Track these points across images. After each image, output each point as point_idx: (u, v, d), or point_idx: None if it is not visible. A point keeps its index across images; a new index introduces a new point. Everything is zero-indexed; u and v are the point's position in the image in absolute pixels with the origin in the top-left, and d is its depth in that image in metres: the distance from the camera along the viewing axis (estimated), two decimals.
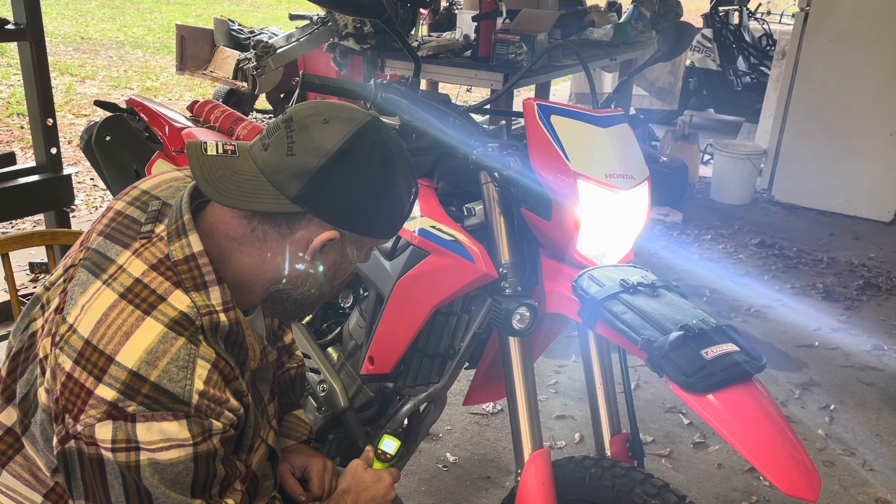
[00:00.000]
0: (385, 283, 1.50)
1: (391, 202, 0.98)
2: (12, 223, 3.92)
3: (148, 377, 0.85)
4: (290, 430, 1.33)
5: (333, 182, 0.91)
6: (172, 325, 0.89)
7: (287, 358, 1.36)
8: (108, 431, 0.84)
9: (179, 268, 0.92)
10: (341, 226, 0.95)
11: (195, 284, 0.92)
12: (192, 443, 0.87)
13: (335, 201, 0.93)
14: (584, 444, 2.46)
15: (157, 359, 0.86)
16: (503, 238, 1.38)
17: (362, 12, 1.41)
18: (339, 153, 0.91)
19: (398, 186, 0.98)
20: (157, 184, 1.04)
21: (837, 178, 4.90)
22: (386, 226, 1.01)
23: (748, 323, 3.37)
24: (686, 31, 1.64)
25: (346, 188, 0.92)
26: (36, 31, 2.63)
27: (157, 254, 0.93)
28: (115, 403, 0.84)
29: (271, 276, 0.98)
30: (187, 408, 0.87)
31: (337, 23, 3.70)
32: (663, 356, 1.13)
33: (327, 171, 0.91)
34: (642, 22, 4.58)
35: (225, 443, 0.92)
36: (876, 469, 2.43)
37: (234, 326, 0.95)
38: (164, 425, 0.85)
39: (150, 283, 0.91)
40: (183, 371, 0.87)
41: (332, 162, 0.91)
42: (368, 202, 0.95)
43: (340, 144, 0.91)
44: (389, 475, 1.23)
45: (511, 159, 1.35)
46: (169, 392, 0.86)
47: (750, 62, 7.41)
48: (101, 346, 0.86)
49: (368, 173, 0.94)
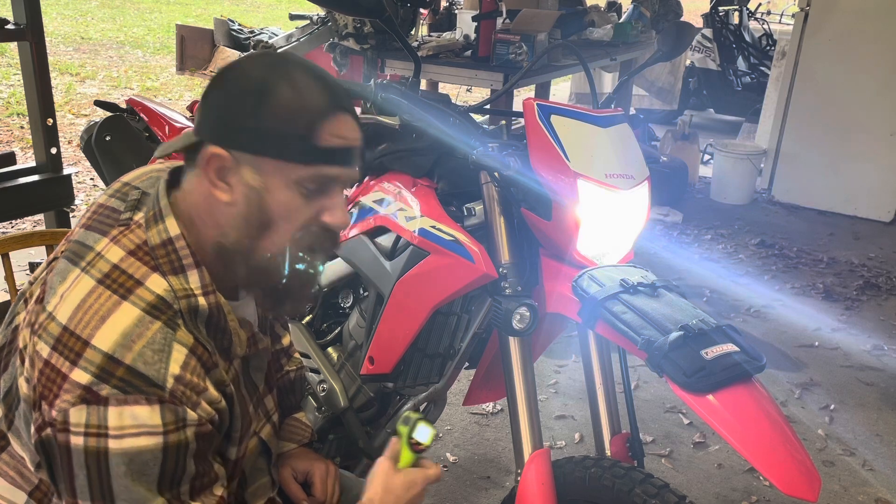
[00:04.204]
0: (385, 283, 1.50)
1: (274, 112, 0.88)
2: (12, 223, 3.92)
3: (123, 360, 0.84)
4: (292, 433, 1.31)
5: (212, 100, 0.91)
6: (149, 309, 0.87)
7: (286, 360, 1.35)
8: (82, 416, 0.82)
9: (157, 252, 0.92)
10: (227, 145, 0.89)
11: (173, 268, 0.91)
12: (163, 431, 0.84)
13: (213, 118, 0.90)
14: (584, 444, 2.46)
15: (132, 342, 0.85)
16: (503, 238, 1.38)
17: (362, 12, 1.41)
18: (218, 75, 0.92)
19: (283, 95, 0.89)
20: (139, 175, 1.03)
21: (837, 178, 4.90)
22: (272, 141, 0.89)
23: (748, 323, 3.37)
24: (686, 31, 1.64)
25: (221, 103, 0.90)
26: (36, 31, 2.62)
27: (135, 240, 0.92)
28: (89, 387, 0.83)
29: (210, 223, 0.94)
30: (161, 392, 0.84)
31: (337, 23, 3.70)
32: (663, 356, 1.13)
33: (209, 92, 0.92)
34: (642, 22, 4.58)
35: (200, 438, 0.88)
36: (876, 469, 2.43)
37: (215, 310, 0.93)
38: (136, 409, 0.83)
39: (127, 268, 0.90)
40: (158, 354, 0.86)
41: (213, 82, 0.92)
42: (244, 113, 0.89)
43: (222, 68, 0.93)
44: (423, 476, 1.06)
45: (511, 159, 1.35)
46: (143, 375, 0.84)
47: (750, 62, 7.41)
48: (78, 332, 0.85)
49: (245, 83, 0.90)
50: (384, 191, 1.55)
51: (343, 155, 0.93)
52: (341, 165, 0.93)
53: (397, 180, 1.54)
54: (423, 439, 1.05)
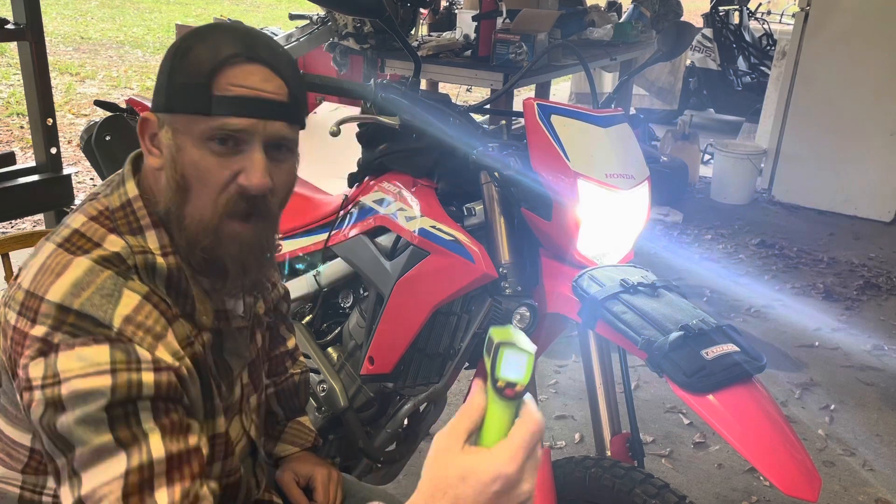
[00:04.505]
0: (385, 283, 1.50)
1: (183, 68, 0.89)
2: (12, 223, 3.92)
3: (72, 306, 0.83)
4: (294, 437, 1.31)
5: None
6: (100, 261, 0.87)
7: (290, 363, 1.34)
8: (39, 369, 0.81)
9: (116, 215, 0.92)
10: (154, 108, 0.93)
11: (130, 229, 0.91)
12: (111, 369, 0.81)
13: (154, 89, 0.93)
14: (585, 444, 2.45)
15: (81, 290, 0.84)
16: (503, 238, 1.38)
17: (362, 12, 1.41)
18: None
19: (195, 50, 0.89)
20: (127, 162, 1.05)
21: (838, 178, 4.90)
22: (181, 94, 0.89)
23: (748, 323, 3.37)
24: (686, 30, 1.64)
25: (158, 73, 0.92)
26: (36, 31, 2.63)
27: (99, 206, 0.93)
28: (44, 338, 0.82)
29: (157, 190, 0.94)
30: (108, 331, 0.83)
31: (337, 22, 3.70)
32: (663, 356, 1.13)
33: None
34: (642, 22, 4.58)
35: (160, 387, 0.84)
36: (876, 469, 2.43)
37: (175, 271, 0.92)
38: (83, 351, 0.81)
39: (86, 231, 0.90)
40: (107, 298, 0.84)
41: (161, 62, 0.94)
42: (163, 74, 0.91)
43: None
44: (515, 449, 0.62)
45: (511, 159, 1.35)
46: (91, 317, 0.83)
47: (750, 62, 7.41)
48: (36, 291, 0.85)
49: (172, 49, 0.91)
50: (384, 191, 1.55)
51: (243, 104, 0.88)
52: (243, 116, 0.88)
53: (397, 180, 1.54)
54: (515, 376, 0.62)
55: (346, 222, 1.63)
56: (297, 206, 1.80)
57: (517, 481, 0.62)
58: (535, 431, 0.63)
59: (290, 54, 0.97)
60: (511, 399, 0.63)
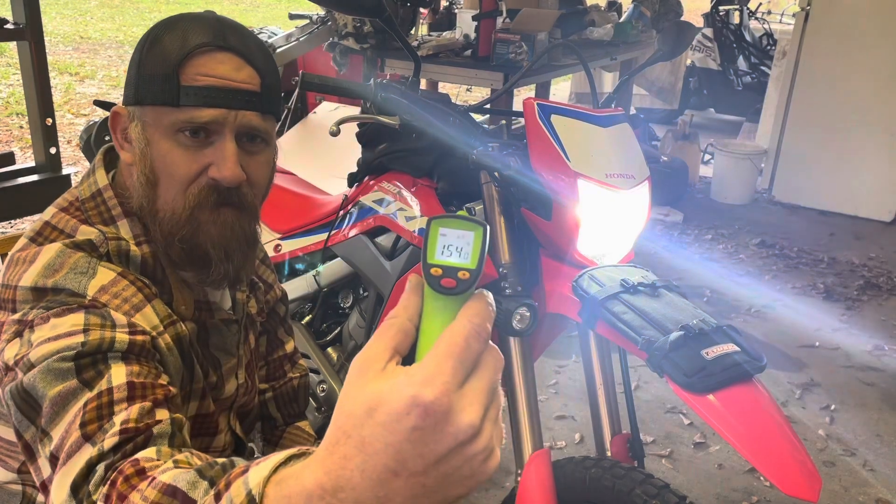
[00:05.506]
0: (385, 283, 1.49)
1: (152, 58, 0.87)
2: (12, 223, 3.92)
3: (46, 286, 0.82)
4: (294, 442, 1.30)
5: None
6: (71, 245, 0.85)
7: (289, 367, 1.33)
8: (14, 348, 0.79)
9: (87, 205, 0.91)
10: (125, 101, 0.91)
11: (102, 219, 0.90)
12: (83, 329, 0.77)
13: (125, 82, 0.90)
14: (585, 444, 2.45)
15: (55, 271, 0.83)
16: (503, 238, 1.38)
17: (362, 12, 1.41)
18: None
19: (163, 40, 0.87)
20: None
21: (838, 178, 4.89)
22: (148, 85, 0.86)
23: (748, 323, 3.36)
24: (686, 30, 1.64)
25: (129, 64, 0.90)
26: (35, 31, 2.63)
27: (69, 198, 0.92)
28: (20, 319, 0.81)
29: (129, 186, 0.92)
30: (82, 299, 0.80)
31: (336, 22, 3.70)
32: (664, 356, 1.13)
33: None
34: (642, 21, 4.58)
35: (134, 347, 0.79)
36: (876, 469, 2.43)
37: (151, 260, 0.90)
38: (56, 320, 0.78)
39: (57, 223, 0.89)
40: (81, 274, 0.83)
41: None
42: (133, 66, 0.89)
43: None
44: (446, 367, 0.44)
45: (511, 159, 1.34)
46: (65, 289, 0.81)
47: (750, 62, 7.41)
48: (10, 282, 0.84)
49: (142, 41, 0.89)
50: (384, 191, 1.55)
51: (212, 94, 0.85)
52: (212, 106, 0.85)
53: (397, 180, 1.54)
54: (455, 259, 0.48)
55: (345, 222, 1.63)
56: (296, 206, 1.79)
57: (446, 411, 0.42)
58: (469, 332, 0.44)
59: (264, 43, 0.94)
60: (451, 292, 0.47)
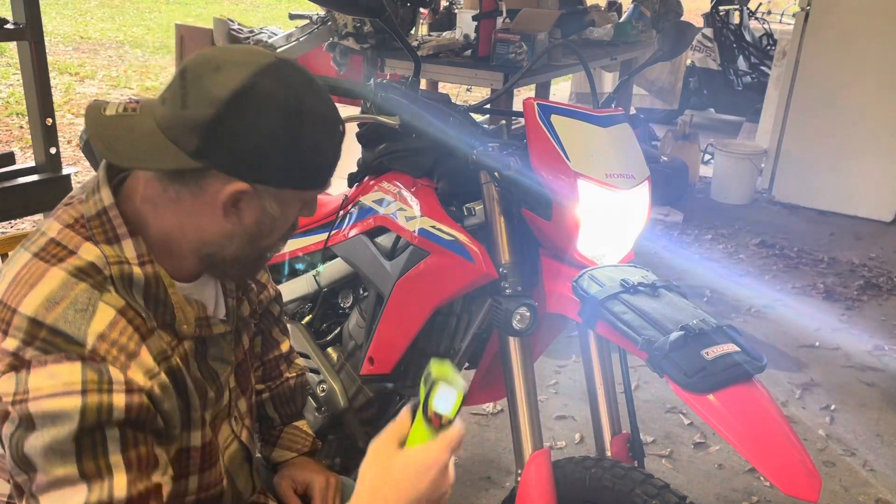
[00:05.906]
0: (385, 283, 1.49)
1: (301, 148, 0.88)
2: (12, 223, 3.92)
3: (45, 321, 0.81)
4: (292, 442, 1.29)
5: (230, 132, 0.84)
6: (75, 272, 0.85)
7: (285, 367, 1.33)
8: (11, 384, 0.79)
9: (91, 223, 0.90)
10: (248, 178, 0.87)
11: (107, 238, 0.89)
12: (82, 390, 0.78)
13: (235, 152, 0.85)
14: (585, 444, 2.45)
15: (55, 304, 0.82)
16: (503, 238, 1.38)
17: (362, 12, 1.41)
18: (232, 100, 0.84)
19: (309, 130, 0.89)
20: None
21: (838, 178, 4.89)
22: (302, 175, 0.90)
23: (749, 323, 3.36)
24: (686, 30, 1.64)
25: (244, 137, 0.85)
26: (35, 31, 2.63)
27: (74, 214, 0.91)
28: (15, 353, 0.80)
29: (194, 238, 0.92)
30: (81, 349, 0.80)
31: (337, 22, 3.69)
32: (664, 356, 1.13)
33: (221, 121, 0.84)
34: (643, 21, 4.58)
35: (132, 410, 0.82)
36: (876, 469, 2.43)
37: (153, 281, 0.90)
38: (54, 368, 0.79)
39: (62, 240, 0.88)
40: (80, 314, 0.82)
41: (225, 110, 0.84)
42: (272, 150, 0.87)
43: (233, 90, 0.84)
44: (441, 448, 0.78)
45: (511, 159, 1.34)
46: (63, 333, 0.81)
47: (750, 62, 7.41)
48: (9, 302, 0.83)
49: (268, 119, 0.85)
50: (384, 191, 1.55)
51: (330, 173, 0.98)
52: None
53: (397, 180, 1.54)
54: (443, 410, 0.73)
55: (345, 222, 1.63)
56: None
57: (446, 470, 0.77)
58: (457, 438, 0.78)
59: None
60: (437, 428, 0.75)
